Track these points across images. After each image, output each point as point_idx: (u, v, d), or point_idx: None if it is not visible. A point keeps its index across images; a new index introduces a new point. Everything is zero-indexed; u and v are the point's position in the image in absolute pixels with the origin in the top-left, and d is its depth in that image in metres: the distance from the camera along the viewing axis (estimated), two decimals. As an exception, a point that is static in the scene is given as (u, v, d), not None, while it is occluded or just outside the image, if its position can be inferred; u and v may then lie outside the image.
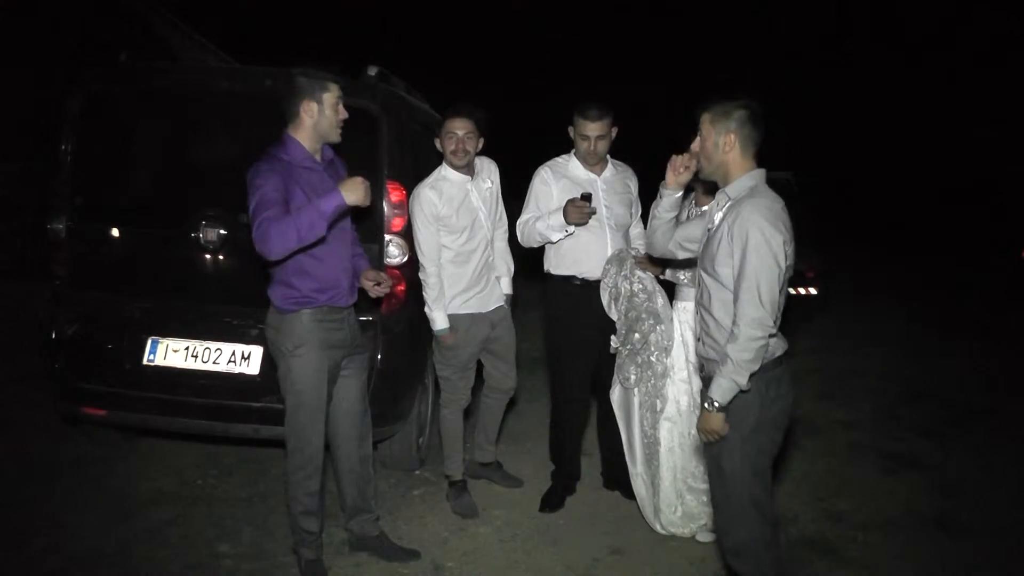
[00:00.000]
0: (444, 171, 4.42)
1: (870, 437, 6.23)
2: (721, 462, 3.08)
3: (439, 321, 4.41)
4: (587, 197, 4.34)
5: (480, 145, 4.44)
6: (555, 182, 4.58)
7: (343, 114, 3.63)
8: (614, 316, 4.44)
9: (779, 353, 3.06)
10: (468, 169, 4.45)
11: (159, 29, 12.87)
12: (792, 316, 3.20)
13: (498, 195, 4.68)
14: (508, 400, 4.93)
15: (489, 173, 4.61)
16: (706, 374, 3.17)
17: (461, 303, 4.48)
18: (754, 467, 3.06)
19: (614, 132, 4.55)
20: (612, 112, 4.47)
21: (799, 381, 6.87)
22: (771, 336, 2.96)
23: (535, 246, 4.63)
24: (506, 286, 4.75)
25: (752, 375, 2.94)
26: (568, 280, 4.60)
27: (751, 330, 2.89)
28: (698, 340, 3.27)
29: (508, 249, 4.79)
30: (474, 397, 4.83)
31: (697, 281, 3.26)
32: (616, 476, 4.84)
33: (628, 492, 4.67)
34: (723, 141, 3.08)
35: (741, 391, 2.95)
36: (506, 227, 4.77)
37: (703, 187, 4.17)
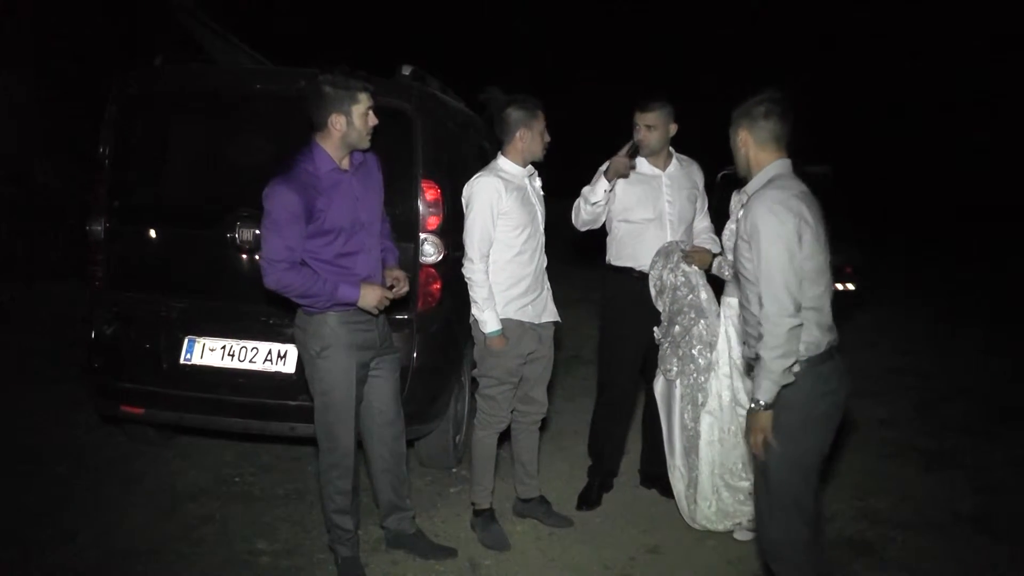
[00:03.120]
0: (501, 162, 4.16)
1: (908, 435, 6.16)
2: (765, 459, 3.02)
3: (491, 322, 4.04)
4: (634, 149, 4.38)
5: None
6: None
7: (373, 121, 3.56)
8: (659, 308, 4.45)
9: (825, 347, 2.99)
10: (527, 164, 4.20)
11: (194, 32, 12.98)
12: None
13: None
14: (538, 428, 4.49)
15: (535, 175, 4.30)
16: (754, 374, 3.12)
17: (516, 308, 4.14)
18: (800, 466, 3.00)
19: (674, 128, 4.54)
20: (670, 106, 4.49)
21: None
22: (799, 325, 2.88)
23: (582, 221, 4.59)
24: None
25: (798, 368, 2.91)
26: (626, 272, 4.61)
27: (774, 326, 2.85)
28: (744, 343, 3.23)
29: None
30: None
31: (737, 281, 3.23)
32: (654, 473, 4.84)
33: (665, 490, 4.68)
34: (740, 139, 3.14)
35: (787, 384, 2.91)
36: None
37: None
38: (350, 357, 3.67)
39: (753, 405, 2.97)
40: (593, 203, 4.45)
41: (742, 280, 3.10)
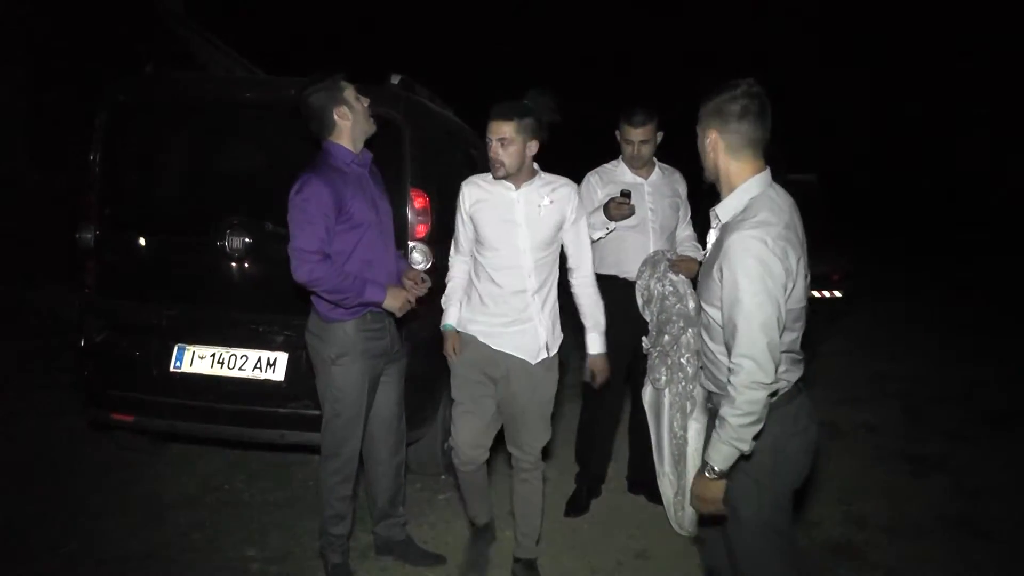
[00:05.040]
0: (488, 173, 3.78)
1: (895, 440, 6.21)
2: (737, 507, 2.66)
3: (447, 316, 3.91)
4: (626, 194, 4.38)
5: (532, 150, 3.59)
6: (602, 188, 4.65)
7: (366, 101, 3.64)
8: (647, 317, 4.48)
9: (793, 383, 2.63)
10: (513, 179, 3.66)
11: (185, 40, 12.98)
12: (817, 319, 3.05)
13: (567, 224, 3.75)
14: (534, 481, 4.01)
15: (551, 191, 3.70)
16: (712, 407, 2.77)
17: (467, 320, 3.85)
18: (773, 510, 2.67)
19: (659, 136, 4.60)
20: (656, 117, 4.54)
21: (823, 384, 6.85)
22: (773, 383, 2.44)
23: None
24: (596, 344, 3.98)
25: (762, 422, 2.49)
26: (610, 279, 4.61)
27: (749, 392, 2.41)
28: (701, 367, 2.86)
29: (598, 298, 3.97)
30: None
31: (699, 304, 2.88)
32: (642, 479, 4.87)
33: (653, 496, 4.70)
34: (709, 142, 2.63)
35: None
36: (590, 269, 3.94)
37: None
38: (364, 365, 3.69)
39: (707, 473, 2.55)
40: (597, 239, 4.49)
41: (708, 310, 2.65)
